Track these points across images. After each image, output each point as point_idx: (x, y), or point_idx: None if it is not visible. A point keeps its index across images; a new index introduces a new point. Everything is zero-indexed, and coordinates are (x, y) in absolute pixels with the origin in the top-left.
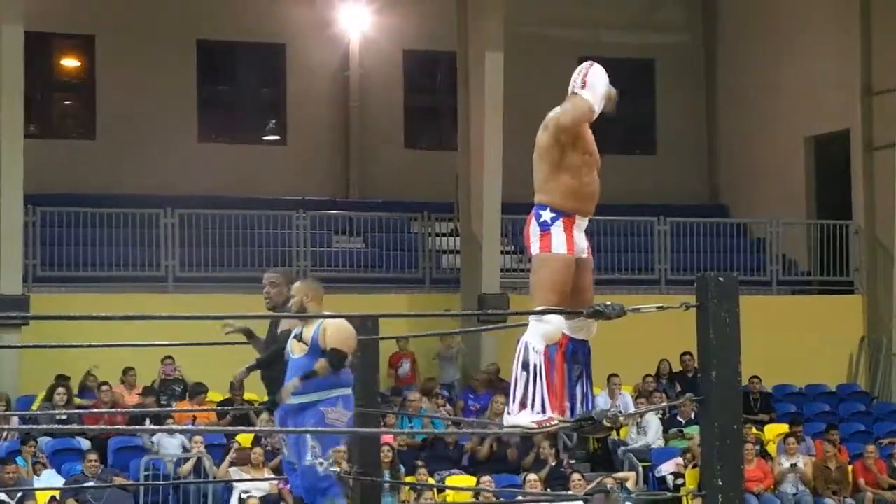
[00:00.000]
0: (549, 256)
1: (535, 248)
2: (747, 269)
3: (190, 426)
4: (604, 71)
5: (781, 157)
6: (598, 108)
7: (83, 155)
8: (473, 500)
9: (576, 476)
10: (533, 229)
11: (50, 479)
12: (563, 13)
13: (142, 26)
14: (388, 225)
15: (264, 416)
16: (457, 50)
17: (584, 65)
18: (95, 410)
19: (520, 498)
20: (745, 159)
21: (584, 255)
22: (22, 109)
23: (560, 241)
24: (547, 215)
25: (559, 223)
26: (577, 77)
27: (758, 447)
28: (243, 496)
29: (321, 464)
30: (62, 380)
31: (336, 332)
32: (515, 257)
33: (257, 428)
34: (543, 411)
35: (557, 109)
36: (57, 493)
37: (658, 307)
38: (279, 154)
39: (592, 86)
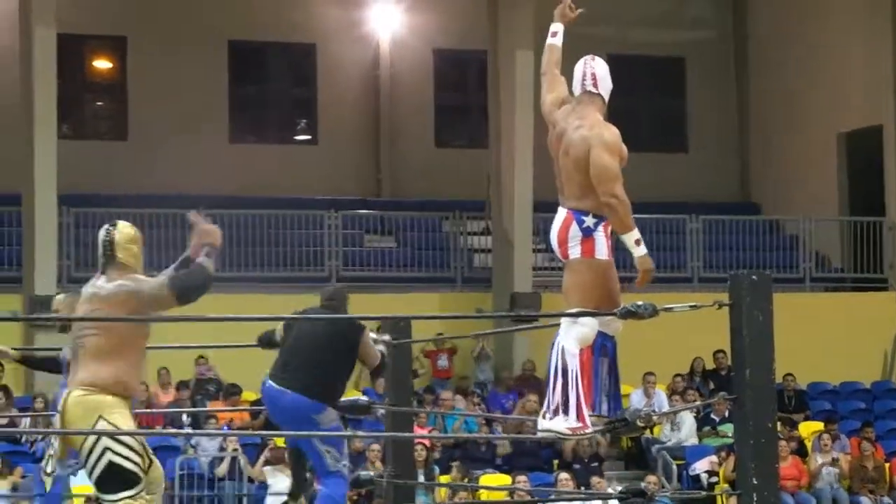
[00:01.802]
0: (592, 262)
1: (574, 252)
2: (780, 267)
3: (226, 428)
4: (604, 62)
5: (813, 154)
6: (606, 101)
7: (116, 156)
8: (508, 499)
9: (594, 478)
10: (573, 233)
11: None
12: (593, 10)
13: (173, 27)
14: (419, 224)
15: None
16: (487, 48)
17: (587, 59)
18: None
19: (553, 497)
20: (777, 156)
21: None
22: (55, 111)
23: (603, 247)
24: (590, 221)
25: (601, 228)
26: (586, 72)
27: (793, 445)
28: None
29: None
30: None
31: None
32: (547, 255)
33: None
34: (579, 418)
35: (597, 119)
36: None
37: (691, 306)
38: (310, 154)
39: (603, 79)
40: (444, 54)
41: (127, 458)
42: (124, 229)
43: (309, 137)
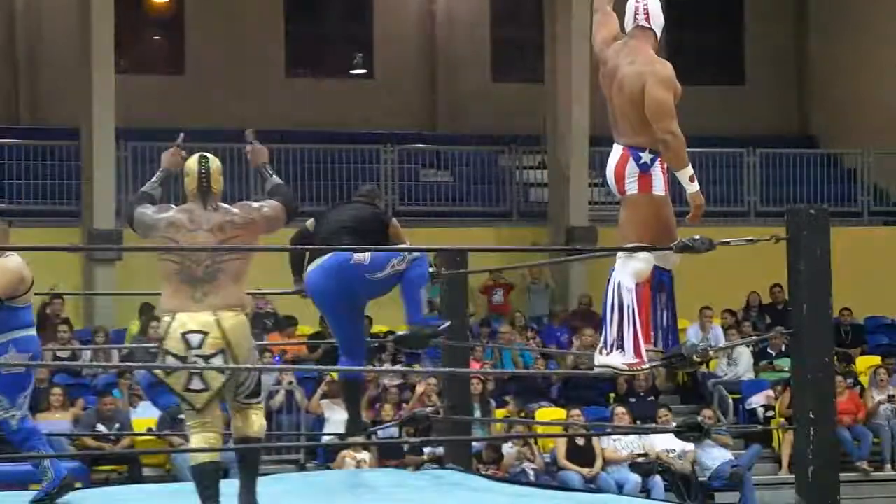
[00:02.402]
0: (649, 197)
1: (632, 188)
2: (838, 200)
3: (277, 360)
4: None
5: (872, 87)
6: (658, 35)
7: (173, 90)
8: (563, 432)
9: (661, 411)
10: (630, 170)
11: (147, 411)
12: None
13: None
14: (475, 158)
15: None
16: None
17: None
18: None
19: (609, 430)
20: (836, 89)
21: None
22: (112, 45)
23: (660, 182)
24: (647, 157)
25: (658, 164)
26: (638, 7)
27: (850, 380)
28: None
29: (13, 416)
30: (149, 309)
31: None
32: (604, 189)
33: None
34: (636, 354)
35: (651, 57)
36: (153, 424)
37: (748, 240)
38: (366, 88)
39: (656, 14)
40: None
41: None
42: (215, 161)
43: (365, 71)
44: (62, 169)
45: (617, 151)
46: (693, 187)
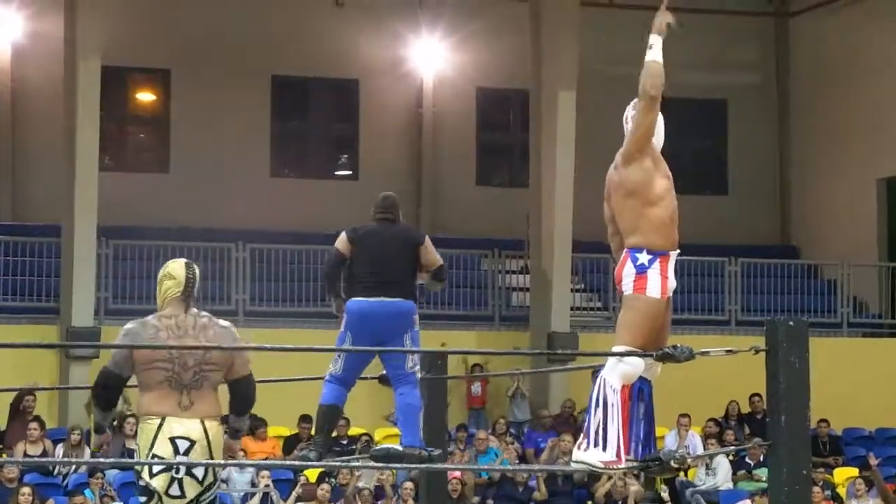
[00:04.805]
0: (644, 298)
1: (628, 288)
2: (818, 311)
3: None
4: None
5: (853, 199)
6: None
7: (157, 188)
8: None
9: None
10: (627, 270)
11: None
12: (636, 52)
13: (217, 61)
14: (458, 262)
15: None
16: (530, 88)
17: (633, 103)
18: None
19: None
20: (817, 200)
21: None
22: (97, 142)
23: (655, 285)
24: (644, 258)
25: (656, 265)
26: (626, 115)
27: (827, 492)
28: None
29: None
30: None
31: None
32: (585, 295)
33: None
34: (616, 453)
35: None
36: None
37: (727, 351)
38: (351, 189)
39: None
40: (487, 93)
41: None
42: (197, 269)
43: (350, 173)
44: (42, 266)
45: (622, 254)
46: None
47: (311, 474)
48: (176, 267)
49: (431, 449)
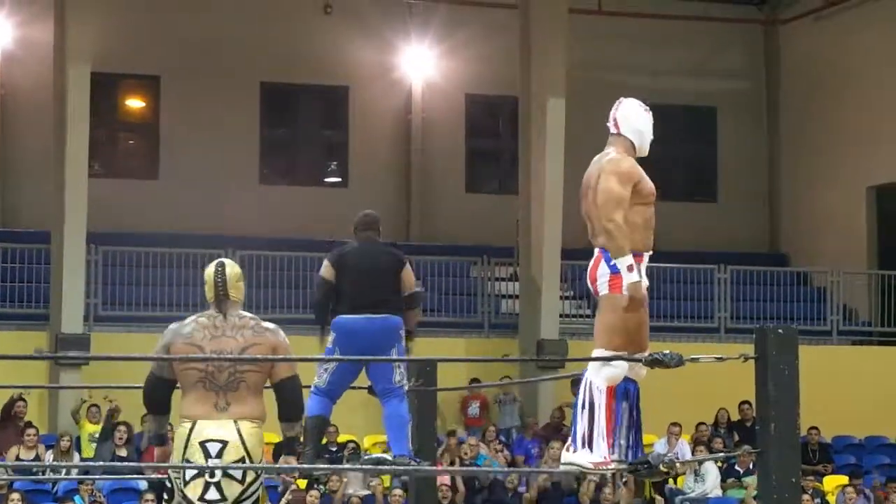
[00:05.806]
0: (618, 297)
1: (603, 288)
2: (807, 319)
3: None
4: (635, 103)
5: (843, 207)
6: (638, 141)
7: (146, 195)
8: None
9: None
10: (601, 271)
11: None
12: (625, 60)
13: (206, 68)
14: (447, 269)
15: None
16: (519, 95)
17: (616, 103)
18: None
19: None
20: (807, 208)
21: (645, 293)
22: (87, 148)
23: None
24: None
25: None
26: (609, 115)
27: (817, 500)
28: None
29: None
30: (115, 414)
31: None
32: (574, 303)
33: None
34: (602, 454)
35: (613, 156)
36: None
37: (717, 358)
38: (340, 196)
39: (624, 119)
40: (476, 100)
41: None
42: (234, 268)
43: (339, 180)
44: (31, 272)
45: (594, 254)
46: (632, 277)
47: (301, 482)
48: (208, 270)
49: (419, 460)
